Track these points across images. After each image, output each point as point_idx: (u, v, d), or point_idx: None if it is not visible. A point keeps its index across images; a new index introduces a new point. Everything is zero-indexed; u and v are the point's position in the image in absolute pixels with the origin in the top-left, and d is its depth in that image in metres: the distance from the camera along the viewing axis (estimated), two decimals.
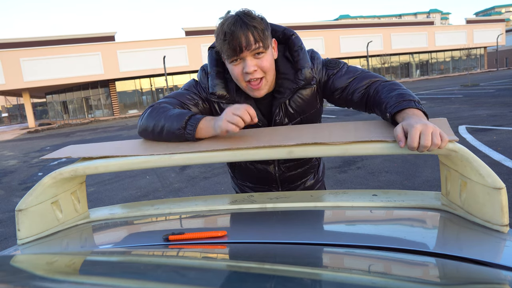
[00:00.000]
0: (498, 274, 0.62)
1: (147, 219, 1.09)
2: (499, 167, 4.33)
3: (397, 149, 0.87)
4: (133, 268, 0.70)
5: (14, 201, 5.44)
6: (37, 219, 1.00)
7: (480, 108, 10.01)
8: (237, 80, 1.14)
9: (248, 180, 1.46)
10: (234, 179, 1.54)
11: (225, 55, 1.10)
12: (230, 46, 1.06)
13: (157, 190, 5.11)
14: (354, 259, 0.70)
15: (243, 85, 1.14)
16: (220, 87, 1.19)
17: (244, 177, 1.46)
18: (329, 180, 4.62)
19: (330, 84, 1.21)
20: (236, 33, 1.05)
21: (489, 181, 0.79)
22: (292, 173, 1.38)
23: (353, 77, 1.19)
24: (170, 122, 1.06)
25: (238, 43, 1.06)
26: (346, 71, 1.21)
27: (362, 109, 1.21)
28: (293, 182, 1.43)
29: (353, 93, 1.18)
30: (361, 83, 1.18)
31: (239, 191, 1.54)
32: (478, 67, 42.92)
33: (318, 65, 1.22)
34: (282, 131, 1.06)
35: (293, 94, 1.20)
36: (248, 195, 1.19)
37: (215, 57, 1.22)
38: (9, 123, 56.23)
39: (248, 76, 1.10)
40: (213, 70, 1.21)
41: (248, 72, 1.09)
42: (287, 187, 1.44)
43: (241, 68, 1.10)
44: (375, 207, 0.99)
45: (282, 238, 0.83)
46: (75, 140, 14.02)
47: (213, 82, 1.20)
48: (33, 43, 25.88)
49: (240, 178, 1.48)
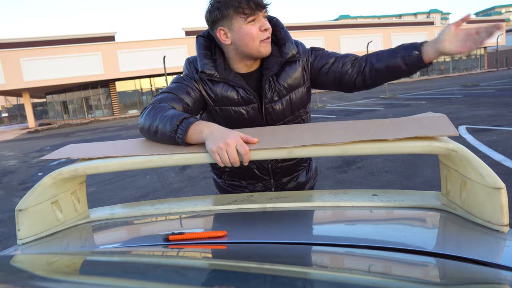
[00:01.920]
0: (498, 274, 0.62)
1: (147, 219, 1.09)
2: (499, 167, 4.33)
3: (397, 149, 0.87)
4: (133, 268, 0.70)
5: (14, 201, 5.44)
6: (37, 219, 0.99)
7: (480, 108, 10.01)
8: (253, 39, 1.19)
9: (239, 176, 1.46)
10: (220, 179, 1.53)
11: (243, 14, 1.16)
12: (254, 1, 1.15)
13: (157, 190, 5.11)
14: (354, 259, 0.70)
15: (256, 45, 1.20)
16: (209, 66, 1.25)
17: (235, 175, 1.46)
18: (329, 180, 4.62)
19: (317, 61, 1.33)
20: None
21: (489, 181, 0.79)
22: (284, 164, 1.42)
23: (337, 55, 1.34)
24: (163, 124, 1.05)
25: (259, 0, 1.16)
26: (330, 52, 1.36)
27: (354, 78, 1.31)
28: (286, 174, 1.45)
29: (343, 65, 1.31)
30: (346, 57, 1.33)
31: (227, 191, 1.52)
32: (478, 67, 42.92)
33: (301, 47, 1.33)
34: (282, 131, 1.06)
35: (281, 70, 1.28)
36: (248, 195, 1.19)
37: (203, 43, 1.30)
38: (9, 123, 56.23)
39: (266, 33, 1.20)
40: (202, 53, 1.27)
41: (267, 28, 1.20)
42: (279, 182, 1.45)
43: (258, 26, 1.19)
44: (375, 207, 0.99)
45: (282, 238, 0.83)
46: (75, 140, 14.02)
47: (202, 62, 1.26)
48: (33, 43, 25.87)
49: (229, 176, 1.48)
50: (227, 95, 1.27)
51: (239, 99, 1.27)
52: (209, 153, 0.96)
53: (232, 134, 0.97)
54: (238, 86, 1.27)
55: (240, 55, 1.24)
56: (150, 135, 1.11)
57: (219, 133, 0.98)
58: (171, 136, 1.03)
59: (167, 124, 1.04)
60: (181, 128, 1.01)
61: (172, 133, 1.02)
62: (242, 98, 1.27)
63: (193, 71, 1.29)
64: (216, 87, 1.27)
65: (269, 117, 1.31)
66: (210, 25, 1.25)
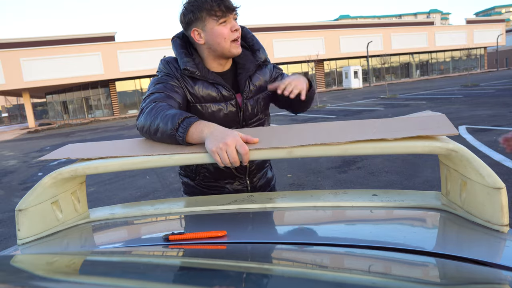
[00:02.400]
0: (498, 274, 0.62)
1: (147, 219, 1.09)
2: (499, 167, 4.33)
3: (397, 149, 0.87)
4: (133, 268, 0.70)
5: (14, 201, 5.44)
6: (37, 219, 0.99)
7: (480, 108, 10.01)
8: (224, 39, 1.28)
9: (215, 177, 1.46)
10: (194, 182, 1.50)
11: (215, 17, 1.25)
12: (224, 5, 1.24)
13: (157, 190, 5.11)
14: (354, 259, 0.70)
15: (227, 44, 1.29)
16: (190, 64, 1.31)
17: (211, 176, 1.45)
18: (329, 180, 4.62)
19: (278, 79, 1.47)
20: None
21: (489, 181, 0.79)
22: (257, 160, 1.49)
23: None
24: (164, 122, 1.06)
25: (229, 4, 1.25)
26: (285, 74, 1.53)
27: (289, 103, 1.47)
28: (258, 171, 1.53)
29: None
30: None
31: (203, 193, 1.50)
32: (478, 67, 42.92)
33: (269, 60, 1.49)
34: (282, 131, 1.06)
35: (254, 72, 1.41)
36: (248, 195, 1.19)
37: (179, 43, 1.37)
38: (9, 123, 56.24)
39: (236, 34, 1.29)
40: (181, 52, 1.34)
41: (237, 29, 1.28)
42: (253, 179, 1.51)
43: (229, 27, 1.27)
44: (375, 207, 0.99)
45: (282, 238, 0.83)
46: (75, 140, 14.02)
47: (184, 60, 1.31)
48: (33, 43, 25.89)
49: (205, 178, 1.47)
50: (208, 92, 1.33)
51: (219, 96, 1.34)
52: (209, 153, 0.97)
53: (232, 134, 0.97)
54: (217, 83, 1.34)
55: (214, 54, 1.33)
56: (150, 134, 1.11)
57: (219, 133, 0.99)
58: (172, 134, 1.03)
59: (168, 122, 1.05)
60: (182, 126, 1.02)
61: (173, 131, 1.03)
62: (222, 95, 1.34)
63: (174, 70, 1.33)
64: (196, 85, 1.32)
65: (245, 113, 1.40)
66: (184, 26, 1.33)
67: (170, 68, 1.33)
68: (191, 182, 1.51)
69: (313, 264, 0.70)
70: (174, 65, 1.33)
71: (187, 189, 1.54)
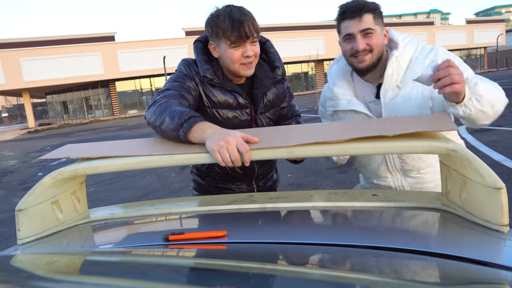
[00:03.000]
0: (498, 274, 0.62)
1: (147, 219, 1.09)
2: (499, 167, 4.33)
3: (397, 148, 0.87)
4: (133, 268, 0.70)
5: (14, 201, 5.44)
6: (37, 219, 0.99)
7: None
8: (233, 62, 1.28)
9: (224, 179, 1.50)
10: (204, 181, 1.55)
11: (229, 40, 1.24)
12: (239, 33, 1.21)
13: (157, 190, 5.11)
14: (354, 259, 0.70)
15: (237, 66, 1.28)
16: (210, 72, 1.33)
17: (223, 178, 1.49)
18: (329, 180, 4.62)
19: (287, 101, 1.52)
20: (245, 22, 1.21)
21: (489, 181, 0.79)
22: (265, 165, 1.54)
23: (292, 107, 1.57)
24: (171, 117, 1.08)
25: (244, 32, 1.22)
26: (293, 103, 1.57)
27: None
28: (266, 175, 1.58)
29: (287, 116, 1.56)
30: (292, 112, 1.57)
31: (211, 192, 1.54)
32: (478, 67, 42.92)
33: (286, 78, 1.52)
34: (282, 131, 1.06)
35: (270, 88, 1.42)
36: (248, 195, 1.19)
37: (201, 48, 1.37)
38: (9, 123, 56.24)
39: (247, 59, 1.27)
40: (202, 58, 1.35)
41: (249, 55, 1.26)
42: (261, 182, 1.57)
43: (241, 52, 1.26)
44: (375, 207, 0.99)
45: (282, 238, 0.83)
46: (75, 140, 14.02)
47: (204, 67, 1.33)
48: (33, 43, 25.87)
49: (214, 179, 1.51)
50: (225, 99, 1.35)
51: (235, 103, 1.37)
52: (210, 152, 0.97)
53: (233, 133, 0.97)
54: (235, 91, 1.36)
55: (226, 69, 1.35)
56: (155, 126, 1.13)
57: (219, 132, 0.99)
58: (176, 128, 1.05)
59: (175, 117, 1.06)
60: (188, 123, 1.04)
61: (177, 126, 1.04)
62: (238, 103, 1.37)
63: (194, 73, 1.34)
64: (215, 91, 1.35)
65: (258, 125, 1.43)
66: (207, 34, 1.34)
67: (190, 70, 1.34)
68: (202, 181, 1.56)
69: (313, 264, 0.70)
70: (194, 68, 1.35)
71: (197, 186, 1.59)
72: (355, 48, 1.28)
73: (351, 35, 1.29)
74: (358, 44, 1.27)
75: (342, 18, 1.31)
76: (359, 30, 1.26)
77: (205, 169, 1.50)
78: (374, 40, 1.28)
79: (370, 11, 1.27)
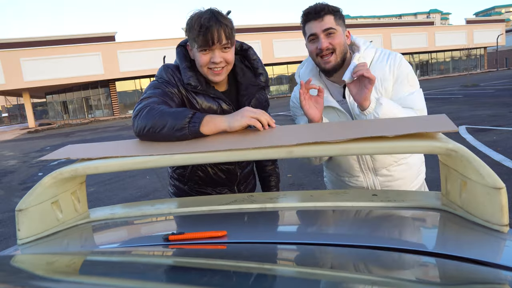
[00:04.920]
0: (498, 274, 0.62)
1: (147, 219, 1.09)
2: (499, 167, 4.33)
3: (397, 148, 0.87)
4: (133, 268, 0.70)
5: (14, 201, 5.44)
6: (37, 219, 0.99)
7: (480, 108, 10.01)
8: (201, 65, 1.30)
9: (206, 183, 1.49)
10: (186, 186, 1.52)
11: (196, 44, 1.26)
12: (205, 38, 1.23)
13: (157, 190, 5.11)
14: (354, 259, 0.70)
15: (205, 70, 1.31)
16: (193, 79, 1.33)
17: (206, 182, 1.49)
18: None
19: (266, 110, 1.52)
20: (212, 28, 1.22)
21: (489, 181, 0.79)
22: (246, 170, 1.56)
23: None
24: (173, 117, 1.07)
25: (211, 37, 1.23)
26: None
27: None
28: (246, 179, 1.60)
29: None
30: None
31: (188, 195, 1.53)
32: (478, 67, 42.93)
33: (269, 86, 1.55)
34: (282, 131, 1.06)
35: (254, 95, 1.45)
36: (248, 195, 1.19)
37: (184, 53, 1.38)
38: (9, 123, 56.25)
39: (214, 65, 1.29)
40: (185, 65, 1.35)
41: (215, 62, 1.27)
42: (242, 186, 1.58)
43: (209, 57, 1.28)
44: (375, 207, 0.99)
45: (282, 238, 0.83)
46: (75, 140, 14.02)
47: (187, 75, 1.33)
48: (33, 43, 25.90)
49: (196, 184, 1.50)
50: (209, 105, 1.36)
51: (219, 110, 1.37)
52: (246, 122, 1.05)
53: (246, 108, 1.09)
54: (218, 98, 1.37)
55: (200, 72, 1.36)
56: (153, 133, 1.09)
57: (236, 112, 1.09)
58: (184, 126, 1.05)
59: (178, 116, 1.07)
60: (196, 117, 1.07)
61: (185, 123, 1.06)
62: (222, 109, 1.37)
63: (176, 79, 1.34)
64: (198, 98, 1.35)
65: None
66: None
67: (172, 77, 1.34)
68: (183, 186, 1.54)
69: (313, 264, 0.70)
70: (177, 75, 1.34)
71: (177, 191, 1.56)
72: (320, 47, 1.36)
73: (315, 35, 1.37)
74: (322, 42, 1.35)
75: (306, 20, 1.40)
76: (322, 29, 1.35)
77: (188, 173, 1.48)
78: (337, 40, 1.37)
79: (331, 12, 1.36)
